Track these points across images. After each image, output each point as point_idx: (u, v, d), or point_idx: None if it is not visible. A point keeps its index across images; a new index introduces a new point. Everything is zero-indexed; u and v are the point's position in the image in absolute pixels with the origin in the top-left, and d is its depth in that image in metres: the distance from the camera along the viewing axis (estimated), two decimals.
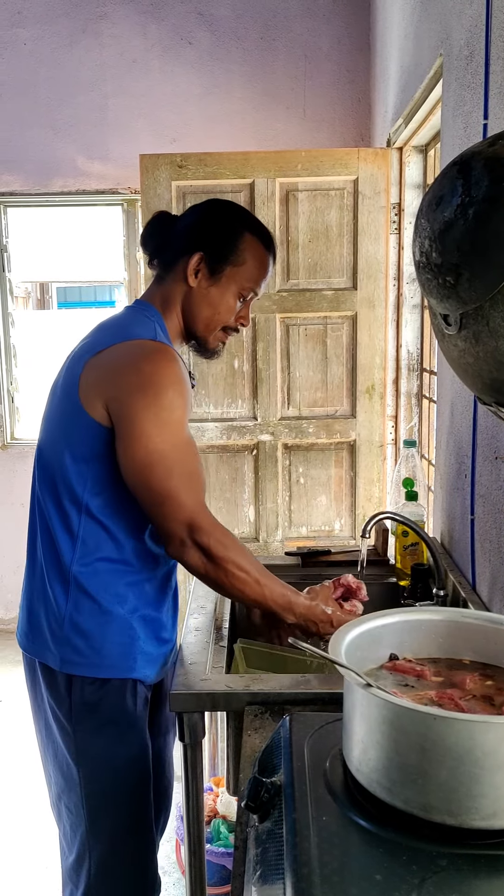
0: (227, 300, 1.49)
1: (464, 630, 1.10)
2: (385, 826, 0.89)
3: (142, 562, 1.48)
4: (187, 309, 1.49)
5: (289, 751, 1.06)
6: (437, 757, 0.85)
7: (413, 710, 0.84)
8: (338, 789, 0.96)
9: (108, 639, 1.44)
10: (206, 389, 2.94)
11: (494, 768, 0.84)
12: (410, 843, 0.86)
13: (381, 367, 2.93)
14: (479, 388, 1.42)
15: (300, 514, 3.01)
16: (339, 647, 1.01)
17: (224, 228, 1.49)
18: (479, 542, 1.69)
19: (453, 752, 0.84)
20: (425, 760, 0.86)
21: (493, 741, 0.83)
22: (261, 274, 1.52)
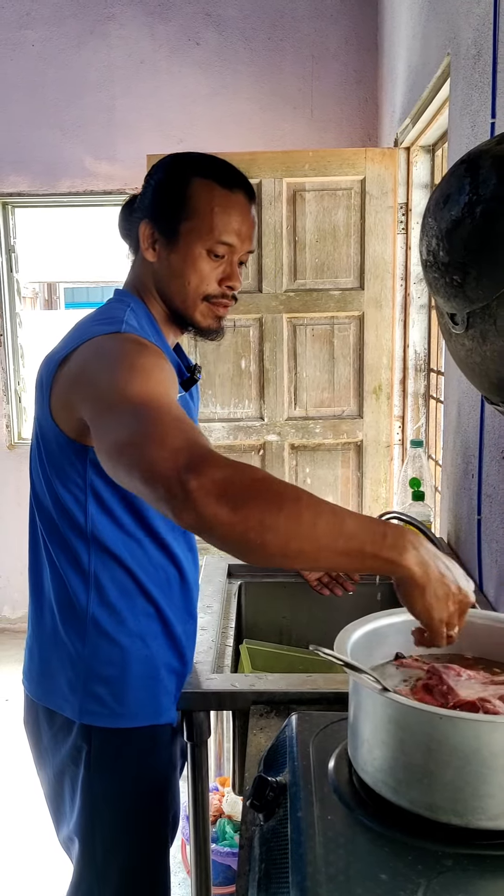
0: (193, 264, 1.24)
1: (469, 629, 1.10)
2: (390, 826, 0.89)
3: (160, 586, 1.32)
4: (160, 288, 1.29)
5: (294, 750, 1.06)
6: (442, 757, 0.85)
7: (419, 710, 0.84)
8: (343, 789, 0.96)
9: (131, 684, 1.29)
10: (212, 389, 2.94)
11: (501, 768, 0.83)
12: (416, 843, 0.86)
13: (389, 368, 2.92)
14: (486, 388, 1.41)
15: None
16: (345, 647, 1.00)
17: (164, 182, 1.27)
18: (486, 541, 1.68)
19: (459, 752, 0.84)
20: (431, 760, 0.85)
21: (501, 741, 0.83)
22: (225, 219, 1.23)
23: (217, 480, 0.87)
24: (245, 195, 1.27)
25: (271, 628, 1.96)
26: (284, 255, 2.84)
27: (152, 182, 1.29)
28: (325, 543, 0.88)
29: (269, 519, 0.86)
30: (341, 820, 0.91)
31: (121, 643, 1.28)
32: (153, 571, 1.30)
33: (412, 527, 1.75)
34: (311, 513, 0.88)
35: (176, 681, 1.36)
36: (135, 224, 1.30)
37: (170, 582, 1.33)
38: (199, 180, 1.24)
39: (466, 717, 0.82)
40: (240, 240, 1.26)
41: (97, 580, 1.26)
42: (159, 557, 1.31)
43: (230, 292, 1.29)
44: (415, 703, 0.85)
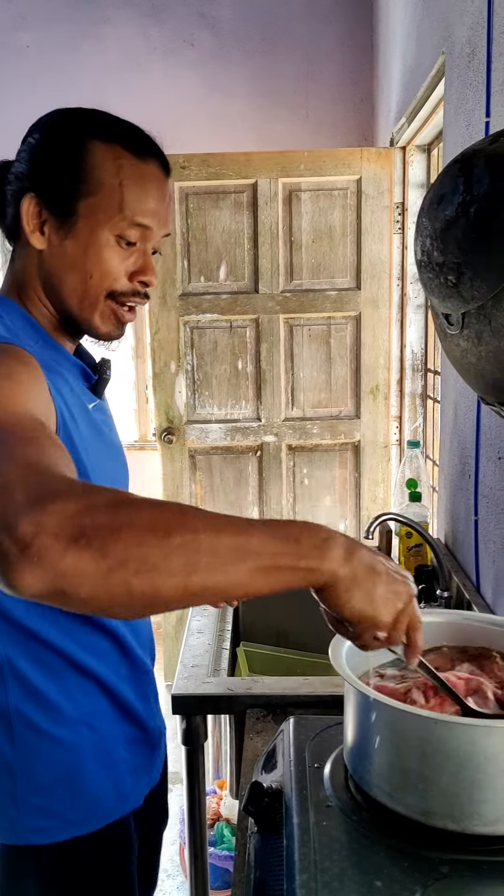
0: (97, 253, 0.98)
1: (466, 632, 1.09)
2: (386, 832, 0.88)
3: (93, 649, 1.05)
4: (48, 284, 1.01)
5: (290, 755, 1.05)
6: (438, 762, 0.84)
7: (413, 715, 0.83)
8: (339, 794, 0.95)
9: (85, 782, 1.04)
10: (209, 391, 2.94)
11: (497, 773, 0.83)
12: (412, 850, 0.85)
13: (386, 368, 2.92)
14: (481, 389, 1.40)
15: (304, 516, 3.00)
16: (339, 652, 0.99)
17: (52, 144, 1.00)
18: (483, 542, 1.67)
19: (454, 757, 0.83)
20: (426, 765, 0.85)
21: (496, 745, 0.82)
22: (139, 196, 0.98)
23: (70, 515, 0.61)
24: (160, 166, 1.03)
25: (269, 631, 1.95)
26: (280, 255, 2.83)
27: (33, 143, 1.02)
28: (234, 569, 0.67)
29: (154, 554, 0.63)
30: (337, 826, 0.90)
31: (59, 738, 1.02)
32: (79, 633, 1.03)
33: (409, 528, 1.74)
34: (207, 534, 0.66)
35: (141, 749, 1.14)
36: (12, 199, 1.01)
37: (104, 638, 1.07)
38: (100, 145, 0.98)
39: (461, 722, 0.81)
40: (157, 221, 1.01)
41: (11, 665, 0.99)
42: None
43: (142, 289, 1.03)
44: (408, 708, 0.84)
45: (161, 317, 2.87)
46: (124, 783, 1.11)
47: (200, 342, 2.90)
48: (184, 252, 2.84)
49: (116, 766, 1.09)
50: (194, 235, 2.83)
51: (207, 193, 2.78)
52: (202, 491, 2.96)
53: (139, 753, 1.14)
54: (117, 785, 1.09)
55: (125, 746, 1.11)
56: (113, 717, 1.09)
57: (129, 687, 1.11)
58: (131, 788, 1.12)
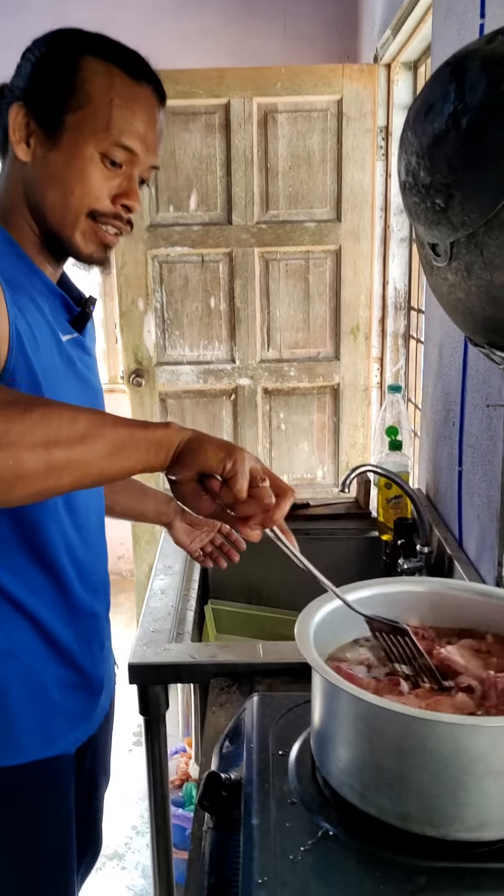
0: (81, 168, 0.96)
1: (449, 602, 0.98)
2: (357, 835, 0.78)
3: (24, 579, 1.02)
4: (32, 200, 0.99)
5: (252, 740, 0.94)
6: (417, 761, 0.73)
7: (389, 711, 0.72)
8: (305, 788, 0.85)
9: (4, 708, 1.02)
10: (180, 330, 2.77)
11: (483, 774, 0.72)
12: (386, 856, 0.75)
13: (367, 306, 2.76)
14: (469, 328, 1.26)
15: (281, 462, 2.88)
16: (307, 629, 0.88)
17: (48, 58, 0.98)
18: (467, 495, 1.56)
19: (436, 757, 0.72)
20: (403, 764, 0.74)
21: (483, 744, 0.72)
22: (127, 116, 0.97)
23: None
24: (154, 92, 1.01)
25: (240, 588, 1.85)
26: (255, 183, 2.64)
27: (31, 58, 0.99)
28: (93, 444, 0.74)
29: (15, 428, 0.70)
30: (301, 828, 0.80)
31: None
32: (17, 566, 1.00)
33: (387, 479, 1.62)
34: (66, 410, 0.75)
35: (77, 694, 1.11)
36: (3, 112, 0.99)
37: (42, 574, 1.03)
38: (95, 61, 0.97)
39: (444, 720, 0.70)
40: (144, 147, 0.99)
41: None
42: (15, 535, 0.99)
43: (125, 214, 1.01)
44: (383, 703, 0.73)
45: (128, 250, 2.68)
46: (53, 725, 1.07)
47: (170, 278, 2.72)
48: (151, 179, 2.63)
49: (45, 705, 1.06)
50: (162, 161, 2.61)
51: (176, 115, 2.56)
52: None
53: (74, 698, 1.10)
54: (45, 725, 1.06)
55: (59, 689, 1.07)
56: (45, 656, 1.05)
57: (66, 628, 1.07)
58: (61, 732, 1.08)
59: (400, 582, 0.99)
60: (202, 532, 1.46)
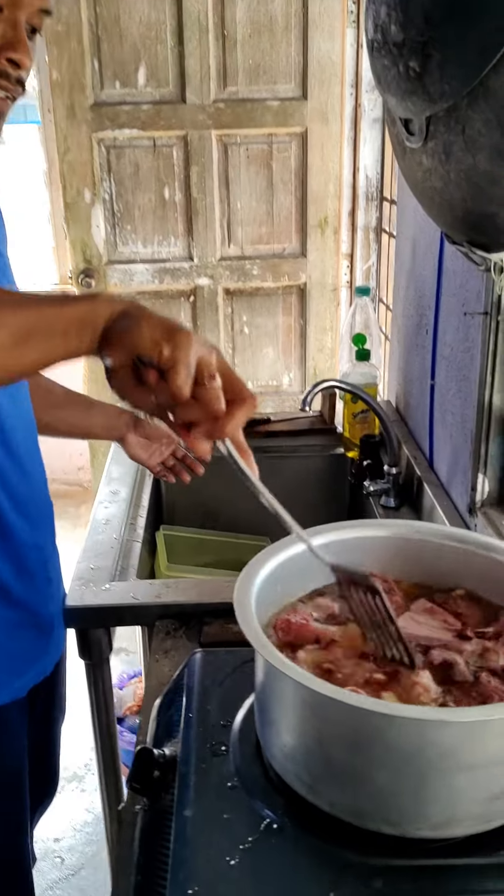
0: None
1: (415, 549, 0.85)
2: (305, 828, 0.68)
3: None
4: None
5: (191, 709, 0.83)
6: (373, 757, 0.62)
7: (341, 703, 0.59)
8: (249, 770, 0.74)
9: None
10: (131, 225, 2.53)
11: (453, 770, 0.61)
12: (338, 854, 0.65)
13: (336, 196, 2.53)
14: (447, 222, 1.09)
15: (245, 368, 2.71)
16: (249, 585, 0.75)
17: None
18: (439, 412, 1.42)
19: (396, 753, 0.61)
20: (358, 759, 0.63)
21: (454, 738, 0.60)
22: None
23: None
24: None
25: (195, 512, 1.72)
26: (211, 54, 2.34)
27: None
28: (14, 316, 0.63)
29: None
30: (242, 819, 0.69)
31: None
32: None
33: (353, 395, 1.47)
34: None
35: (22, 635, 1.03)
36: None
37: None
38: None
39: (407, 715, 0.58)
40: None
41: None
42: None
43: (13, 71, 0.84)
44: (335, 692, 0.60)
45: (70, 133, 2.40)
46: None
47: (119, 165, 2.46)
48: (93, 49, 2.32)
49: None
50: (105, 28, 2.31)
51: None
52: None
53: (21, 639, 1.03)
54: None
55: (3, 630, 1.00)
56: None
57: (4, 564, 0.99)
58: (7, 678, 1.01)
59: (361, 526, 0.86)
60: (161, 445, 1.33)
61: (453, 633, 0.76)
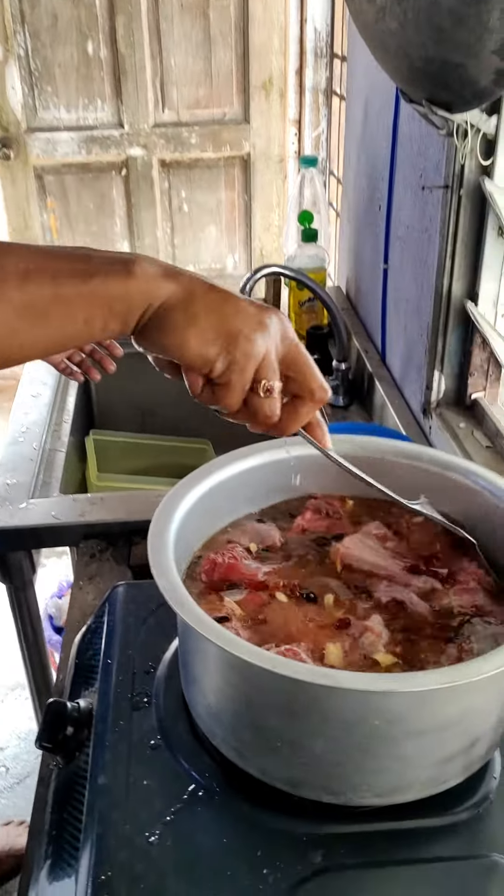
0: None
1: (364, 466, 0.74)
2: (237, 793, 0.59)
3: None
4: None
5: (109, 654, 0.73)
6: (311, 725, 0.53)
7: (271, 672, 0.49)
8: (172, 726, 0.65)
9: None
10: (52, 86, 2.24)
11: (400, 738, 0.53)
12: (272, 825, 0.58)
13: (281, 52, 2.27)
14: (403, 75, 0.93)
15: (186, 250, 2.51)
16: (167, 522, 0.64)
17: None
18: (393, 300, 1.29)
19: (338, 721, 0.52)
20: (294, 726, 0.54)
21: (401, 707, 0.51)
22: None
23: None
24: None
25: (131, 415, 1.58)
26: None
27: None
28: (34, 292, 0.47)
29: None
30: (164, 786, 0.61)
31: None
32: None
33: (298, 282, 1.33)
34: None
35: None
36: None
37: None
38: None
39: (344, 686, 0.49)
40: None
41: None
42: None
43: None
44: (264, 659, 0.50)
45: None
46: None
47: (34, 15, 2.15)
48: None
49: None
50: None
51: None
52: (56, 222, 2.39)
53: None
54: None
55: None
56: None
57: None
58: None
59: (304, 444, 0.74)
60: None
61: (404, 565, 0.66)
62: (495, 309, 1.06)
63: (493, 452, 1.03)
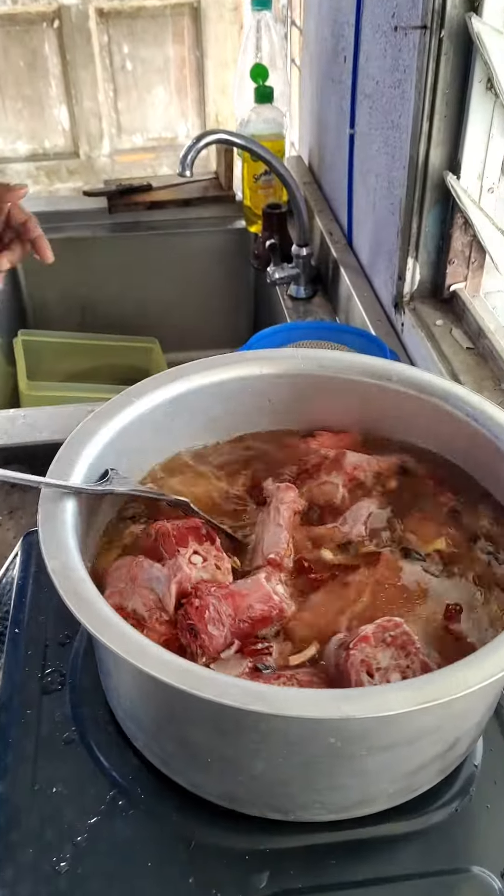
0: None
1: (322, 393, 0.61)
2: (165, 802, 0.49)
3: None
4: None
5: (18, 619, 0.61)
6: (247, 746, 0.42)
7: (189, 695, 0.37)
8: (92, 717, 0.54)
9: None
10: None
11: (364, 754, 0.42)
12: (206, 838, 0.47)
13: None
14: None
15: (132, 117, 2.23)
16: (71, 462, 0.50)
17: None
18: (361, 172, 1.11)
19: (280, 743, 0.41)
20: (224, 746, 0.42)
21: (362, 726, 0.40)
22: None
23: None
24: None
25: (69, 310, 1.40)
26: None
27: None
28: None
29: None
30: (78, 795, 0.50)
31: None
32: None
33: (251, 153, 1.14)
34: None
35: None
36: None
37: None
38: None
39: (290, 713, 0.36)
40: None
41: None
42: None
43: None
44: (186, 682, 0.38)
45: None
46: None
47: None
48: None
49: None
50: None
51: None
52: None
53: None
54: None
55: None
56: None
57: None
58: None
59: (239, 362, 0.60)
60: None
61: None
62: (480, 182, 0.89)
63: (473, 355, 0.89)
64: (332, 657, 0.44)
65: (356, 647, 0.42)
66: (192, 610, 0.45)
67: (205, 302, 1.40)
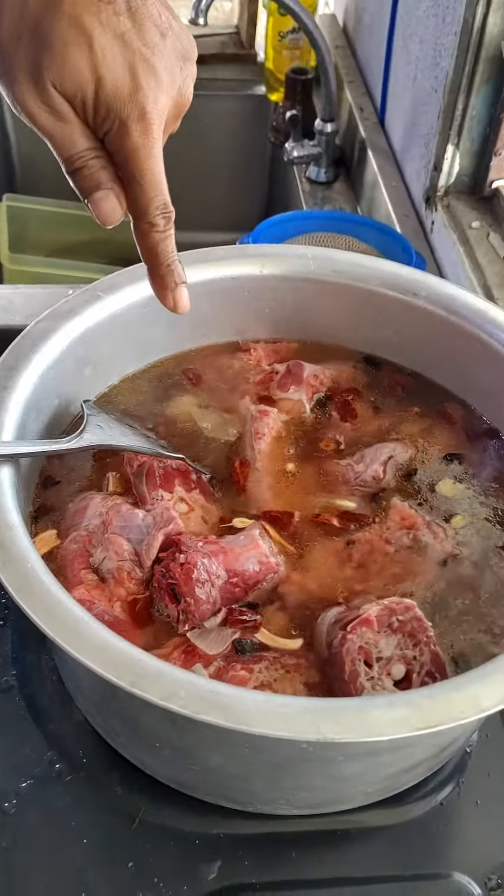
0: None
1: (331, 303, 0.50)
2: (110, 772, 0.43)
3: None
4: None
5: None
6: (202, 740, 0.34)
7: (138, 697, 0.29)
8: (35, 665, 0.47)
9: None
10: None
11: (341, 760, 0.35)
12: (151, 816, 0.41)
13: None
14: None
15: None
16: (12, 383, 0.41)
17: None
18: (402, 38, 0.95)
19: (243, 742, 0.33)
20: (178, 737, 0.35)
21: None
22: None
23: None
24: None
25: (61, 175, 1.25)
26: None
27: None
28: None
29: None
30: (13, 749, 0.43)
31: None
32: None
33: (278, 3, 0.98)
34: None
35: None
36: None
37: None
38: None
39: (254, 731, 0.29)
40: None
41: None
42: None
43: None
44: (132, 674, 0.30)
45: None
46: None
47: None
48: None
49: None
50: None
51: None
52: None
53: None
54: None
55: None
56: None
57: None
58: None
59: (236, 257, 0.49)
60: None
61: None
62: None
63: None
64: (326, 634, 0.37)
65: (355, 631, 0.35)
66: (177, 568, 0.37)
67: (213, 178, 1.26)
